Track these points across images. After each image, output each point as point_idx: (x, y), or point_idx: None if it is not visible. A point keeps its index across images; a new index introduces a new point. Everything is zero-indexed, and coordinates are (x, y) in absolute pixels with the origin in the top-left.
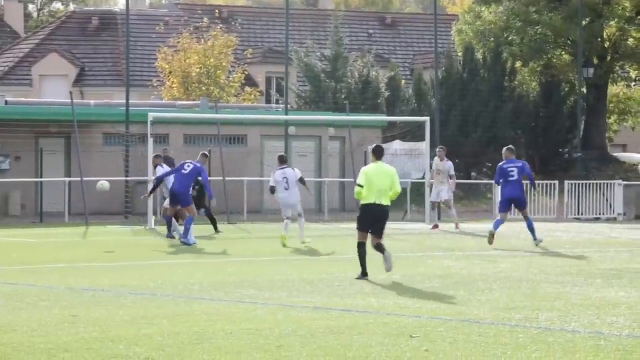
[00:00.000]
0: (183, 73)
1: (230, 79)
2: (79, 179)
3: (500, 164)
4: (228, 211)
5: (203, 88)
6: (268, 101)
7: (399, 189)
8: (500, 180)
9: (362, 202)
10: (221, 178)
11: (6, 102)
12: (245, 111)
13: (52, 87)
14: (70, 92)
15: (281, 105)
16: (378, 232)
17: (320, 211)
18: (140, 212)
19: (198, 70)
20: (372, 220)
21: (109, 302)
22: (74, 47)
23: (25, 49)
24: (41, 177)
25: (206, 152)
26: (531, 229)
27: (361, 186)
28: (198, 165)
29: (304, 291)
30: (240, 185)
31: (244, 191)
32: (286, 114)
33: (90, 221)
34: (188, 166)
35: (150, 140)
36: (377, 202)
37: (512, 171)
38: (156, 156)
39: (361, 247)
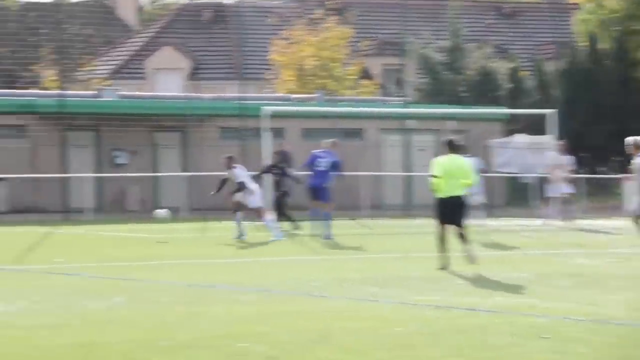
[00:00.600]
0: (297, 66)
1: (346, 71)
2: (196, 173)
3: None
4: (348, 207)
5: (318, 81)
6: (385, 94)
7: (471, 181)
8: None
9: (437, 195)
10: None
11: (120, 97)
12: (362, 104)
13: (165, 81)
14: (185, 86)
15: (399, 98)
16: (458, 223)
17: None
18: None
19: (313, 62)
20: (448, 212)
21: (229, 299)
22: (187, 41)
23: (138, 42)
24: (158, 172)
25: (336, 140)
26: None
27: (437, 177)
28: (331, 158)
29: (426, 289)
30: (359, 181)
31: (362, 186)
32: (404, 107)
33: (208, 216)
34: (320, 162)
35: (266, 135)
36: (451, 194)
37: None
38: (229, 157)
39: (439, 239)
